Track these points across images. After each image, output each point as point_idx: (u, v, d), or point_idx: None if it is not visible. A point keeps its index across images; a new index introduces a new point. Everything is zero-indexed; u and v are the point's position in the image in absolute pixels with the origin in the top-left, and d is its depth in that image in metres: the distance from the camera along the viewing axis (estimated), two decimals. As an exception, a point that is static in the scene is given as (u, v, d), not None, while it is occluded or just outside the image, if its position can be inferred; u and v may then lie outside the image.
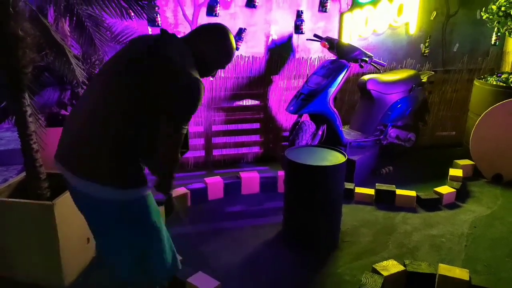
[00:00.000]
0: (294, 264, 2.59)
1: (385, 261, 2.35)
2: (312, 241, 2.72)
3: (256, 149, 4.20)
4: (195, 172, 3.89)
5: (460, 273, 2.24)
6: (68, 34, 3.00)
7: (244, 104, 4.07)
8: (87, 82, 3.08)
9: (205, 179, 3.41)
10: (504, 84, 3.78)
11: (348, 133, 3.88)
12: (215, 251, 2.66)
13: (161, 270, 1.77)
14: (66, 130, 1.69)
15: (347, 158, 2.69)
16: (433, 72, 4.28)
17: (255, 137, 4.18)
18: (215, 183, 3.37)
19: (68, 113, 3.13)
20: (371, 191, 3.38)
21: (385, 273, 2.24)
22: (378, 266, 2.30)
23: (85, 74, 2.91)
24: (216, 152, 4.06)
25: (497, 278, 2.45)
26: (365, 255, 2.67)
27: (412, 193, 3.31)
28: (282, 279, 2.45)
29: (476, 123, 3.76)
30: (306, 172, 2.61)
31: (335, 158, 2.71)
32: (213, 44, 1.74)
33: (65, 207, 2.28)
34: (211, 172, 3.88)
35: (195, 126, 3.93)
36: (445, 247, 2.76)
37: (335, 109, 3.63)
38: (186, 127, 1.63)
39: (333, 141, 3.64)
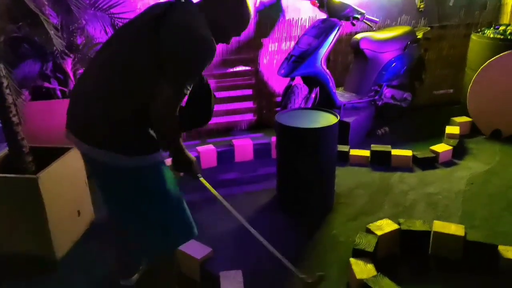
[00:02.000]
0: (289, 228, 2.56)
1: (379, 221, 2.31)
2: (306, 204, 2.68)
3: (249, 116, 4.12)
4: (187, 142, 3.82)
5: (456, 229, 2.21)
6: (46, 2, 2.87)
7: (235, 70, 3.96)
8: (67, 52, 2.98)
9: (198, 148, 3.36)
10: (502, 37, 3.65)
11: (342, 95, 3.78)
12: (208, 219, 2.63)
13: (179, 237, 1.76)
14: (76, 100, 1.63)
15: (340, 120, 2.62)
16: (429, 28, 4.13)
17: (248, 104, 4.09)
18: (208, 152, 3.31)
19: (51, 86, 3.04)
20: (366, 153, 3.31)
21: (379, 233, 2.20)
22: (372, 226, 2.26)
23: (64, 43, 2.81)
24: (208, 121, 3.98)
25: (494, 232, 2.41)
26: (360, 216, 2.63)
27: (408, 152, 3.24)
28: (277, 244, 2.39)
29: (473, 78, 3.65)
30: (297, 135, 2.54)
31: (327, 120, 2.63)
32: (229, 9, 1.64)
33: (51, 180, 2.23)
34: (204, 141, 3.81)
35: (185, 94, 3.83)
36: (441, 205, 2.72)
37: (327, 71, 3.52)
38: (189, 89, 1.54)
39: (326, 103, 3.55)
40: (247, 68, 3.98)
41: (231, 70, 3.94)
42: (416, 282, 2.07)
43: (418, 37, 3.95)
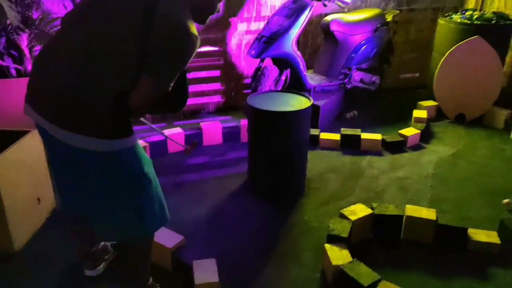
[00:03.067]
0: (261, 213, 2.50)
1: (353, 206, 2.29)
2: (278, 189, 2.63)
3: (217, 98, 4.00)
4: (153, 124, 3.65)
5: (427, 213, 2.23)
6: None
7: (202, 50, 3.81)
8: (22, 27, 2.74)
9: (164, 131, 3.21)
10: (469, 21, 3.69)
11: (312, 78, 3.73)
12: (177, 205, 2.52)
13: (154, 222, 1.70)
14: (43, 77, 1.52)
15: (312, 103, 2.56)
16: (398, 11, 4.13)
17: (216, 86, 3.97)
18: (175, 135, 3.18)
19: (5, 63, 2.79)
20: (336, 136, 3.30)
21: (352, 218, 2.19)
22: (346, 211, 2.24)
23: (19, 17, 2.58)
24: (175, 103, 3.83)
25: (463, 216, 2.46)
26: (332, 201, 2.61)
27: (377, 136, 3.25)
28: (248, 229, 2.36)
29: (440, 62, 3.69)
30: (270, 119, 2.47)
31: (299, 103, 2.57)
32: None
33: (7, 166, 2.06)
34: (170, 124, 3.67)
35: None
36: (411, 189, 2.75)
37: (298, 53, 3.45)
38: (171, 84, 1.48)
39: (296, 86, 3.49)
40: (215, 48, 3.84)
41: (199, 50, 3.78)
42: (390, 266, 2.08)
43: (388, 20, 3.95)
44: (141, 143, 3.00)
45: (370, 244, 2.24)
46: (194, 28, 1.48)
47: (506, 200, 2.48)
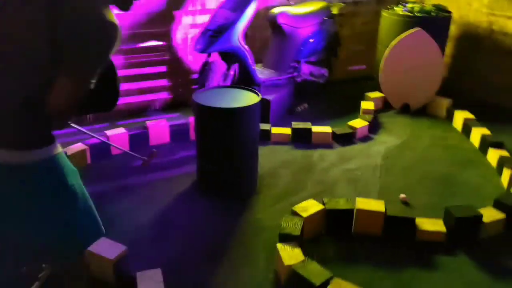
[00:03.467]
0: (211, 214, 2.42)
1: (304, 202, 2.26)
2: (229, 188, 2.56)
3: (164, 95, 3.85)
4: (95, 125, 3.47)
5: (376, 205, 2.24)
6: None
7: (146, 45, 3.64)
8: None
9: (107, 132, 3.04)
10: (410, 14, 3.78)
11: (261, 72, 3.68)
12: (121, 212, 2.39)
13: (87, 236, 1.59)
14: None
15: (262, 98, 2.50)
16: (343, 4, 4.16)
17: (162, 82, 3.81)
18: (118, 136, 3.01)
19: None
20: (287, 131, 3.27)
21: (304, 214, 2.16)
22: (297, 208, 2.21)
23: None
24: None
25: (410, 206, 2.51)
26: (285, 197, 2.58)
27: (328, 129, 3.26)
28: (199, 232, 2.27)
29: (384, 55, 3.76)
30: (217, 116, 2.38)
31: (248, 98, 2.50)
32: None
33: None
34: (113, 124, 3.48)
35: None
36: (361, 180, 2.77)
37: (246, 46, 3.37)
38: (93, 81, 1.31)
39: (246, 81, 3.42)
40: (160, 43, 3.68)
41: (142, 45, 3.62)
42: (341, 261, 2.07)
43: (334, 12, 3.96)
44: (79, 146, 2.83)
45: (323, 240, 2.22)
46: (111, 14, 1.29)
47: (402, 195, 2.53)
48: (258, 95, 2.51)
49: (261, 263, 2.05)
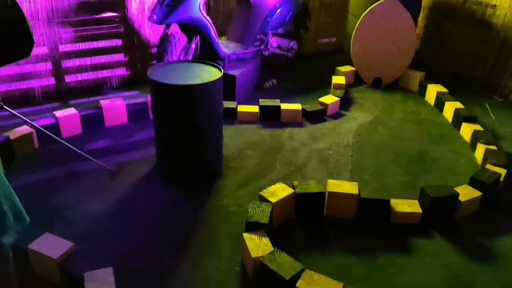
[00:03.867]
0: (173, 201, 2.22)
1: (273, 186, 2.09)
2: (191, 172, 2.36)
3: (121, 71, 3.55)
4: (44, 105, 3.16)
5: (349, 187, 2.10)
6: None
7: (99, 16, 3.31)
8: None
9: (56, 112, 2.75)
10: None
11: (225, 45, 3.43)
12: (72, 201, 2.15)
13: (6, 228, 1.38)
14: None
15: (224, 73, 2.28)
16: (311, -28, 3.92)
17: (118, 57, 3.51)
18: (68, 117, 2.73)
19: None
20: (255, 109, 3.06)
21: (273, 199, 1.99)
22: (265, 193, 2.04)
23: None
24: (69, 79, 3.33)
25: (382, 184, 2.39)
26: (252, 180, 2.40)
27: (297, 106, 3.07)
28: (158, 222, 2.07)
29: (356, 26, 3.58)
30: (175, 94, 2.15)
31: (209, 74, 2.27)
32: None
33: None
34: (65, 103, 3.19)
35: (35, 47, 3.10)
36: (332, 160, 2.62)
37: (208, 17, 3.11)
38: None
39: (209, 55, 3.18)
40: (113, 14, 3.36)
41: (94, 16, 3.29)
42: (313, 249, 1.93)
43: (302, -19, 3.72)
44: (24, 129, 2.54)
45: (293, 226, 2.07)
46: None
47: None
48: (221, 70, 2.28)
49: (226, 254, 1.88)
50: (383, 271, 1.81)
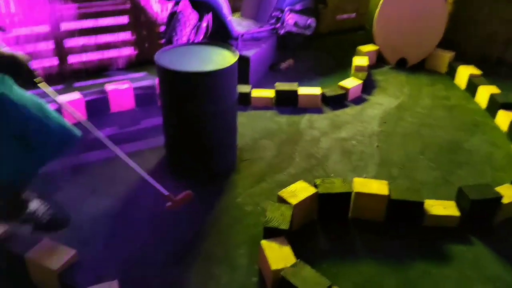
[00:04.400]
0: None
1: (292, 185, 1.89)
2: (202, 166, 2.17)
3: (127, 51, 3.33)
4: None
5: (378, 186, 1.89)
6: None
7: (102, -9, 3.08)
8: None
9: (60, 96, 2.55)
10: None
11: (239, 23, 3.18)
12: (72, 199, 1.98)
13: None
14: None
15: (239, 56, 2.05)
16: None
17: (124, 35, 3.28)
18: (72, 103, 2.54)
19: None
20: (270, 93, 2.84)
21: (293, 201, 1.79)
22: (284, 193, 1.84)
23: None
24: (73, 59, 3.13)
25: (413, 181, 2.17)
26: (269, 175, 2.20)
27: (317, 90, 2.84)
28: (167, 224, 1.89)
29: (380, 1, 3.28)
30: (184, 81, 1.93)
31: (222, 58, 2.04)
32: None
33: None
34: (69, 86, 2.99)
35: (35, 25, 2.90)
36: (356, 152, 2.40)
37: (220, -8, 2.86)
38: None
39: (221, 34, 2.94)
40: (118, -12, 3.12)
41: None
42: (338, 255, 1.74)
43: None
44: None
45: (315, 229, 1.88)
46: None
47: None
48: (235, 54, 2.05)
49: (242, 262, 1.70)
50: (417, 285, 1.62)
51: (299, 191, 1.86)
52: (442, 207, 1.88)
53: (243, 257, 1.73)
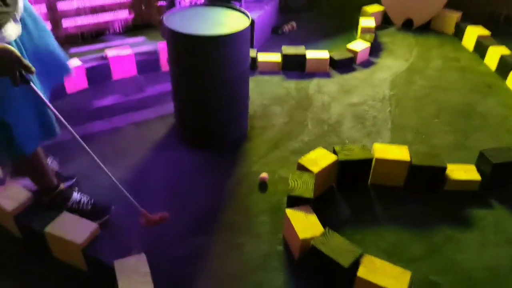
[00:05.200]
0: (197, 169, 1.97)
1: (312, 152, 1.84)
2: (215, 134, 2.10)
3: (124, 14, 3.17)
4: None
5: (400, 152, 1.86)
6: None
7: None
8: None
9: (56, 65, 2.42)
10: None
11: (241, -17, 3.02)
12: (82, 168, 1.91)
13: (25, 140, 1.40)
14: None
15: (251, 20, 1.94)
16: None
17: (120, -2, 3.11)
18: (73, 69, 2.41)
19: None
20: (277, 57, 2.74)
21: (315, 169, 1.75)
22: (305, 161, 1.79)
23: None
24: (67, 23, 2.96)
25: (429, 145, 2.15)
26: (282, 142, 2.15)
27: (325, 54, 2.75)
28: (184, 194, 1.84)
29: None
30: (198, 46, 1.83)
31: (234, 21, 1.93)
32: None
33: None
34: (65, 52, 2.83)
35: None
36: (369, 117, 2.36)
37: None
38: None
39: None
40: None
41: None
42: (361, 223, 1.73)
43: None
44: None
45: (334, 196, 1.86)
46: None
47: (263, 174, 1.92)
48: (248, 16, 1.95)
49: (264, 230, 1.68)
50: (442, 250, 1.62)
51: (319, 158, 1.81)
52: (462, 171, 1.86)
53: (265, 225, 1.70)
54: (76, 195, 1.70)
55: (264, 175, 1.89)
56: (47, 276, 1.48)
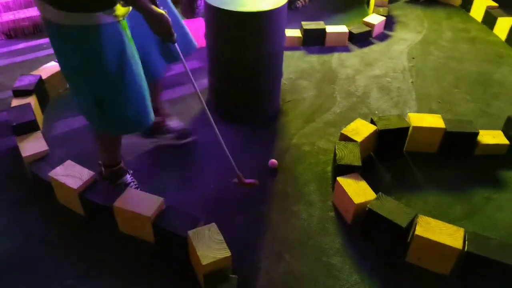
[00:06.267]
0: (239, 143, 2.04)
1: (353, 123, 1.93)
2: (252, 109, 2.16)
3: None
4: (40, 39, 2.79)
5: (434, 120, 1.96)
6: None
7: None
8: None
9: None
10: None
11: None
12: (137, 143, 1.95)
13: (121, 123, 1.48)
14: None
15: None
16: None
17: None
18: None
19: None
20: (297, 32, 2.79)
21: (358, 138, 1.84)
22: (347, 131, 1.88)
23: None
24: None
25: (454, 113, 2.26)
26: (316, 115, 2.23)
27: (344, 28, 2.81)
28: (228, 168, 1.91)
29: None
30: (238, 22, 1.87)
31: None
32: None
33: None
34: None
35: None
36: (393, 88, 2.45)
37: None
38: None
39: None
40: None
41: None
42: (402, 187, 1.83)
43: None
44: (55, 67, 2.25)
45: (374, 164, 1.96)
46: None
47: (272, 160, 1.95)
48: (285, -9, 1.99)
49: (315, 198, 1.77)
50: (482, 210, 1.74)
51: (360, 128, 1.90)
52: (491, 137, 1.98)
53: (314, 194, 1.79)
54: (128, 177, 1.74)
55: (273, 160, 1.92)
56: (116, 250, 1.55)
